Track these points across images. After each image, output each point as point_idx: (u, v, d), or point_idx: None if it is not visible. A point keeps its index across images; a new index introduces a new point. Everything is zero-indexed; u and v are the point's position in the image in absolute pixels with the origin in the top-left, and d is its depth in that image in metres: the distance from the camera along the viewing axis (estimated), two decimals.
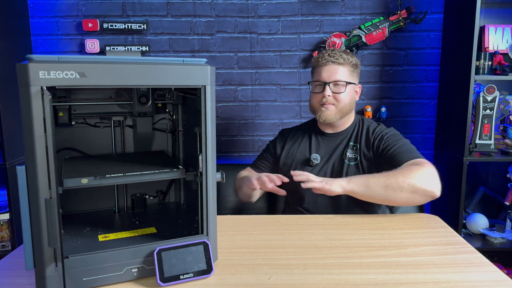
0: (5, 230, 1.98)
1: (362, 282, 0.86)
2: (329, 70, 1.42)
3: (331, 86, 1.41)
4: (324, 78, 1.42)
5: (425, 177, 1.19)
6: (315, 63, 1.47)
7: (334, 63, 1.42)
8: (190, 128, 1.01)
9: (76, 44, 2.19)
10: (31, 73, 0.71)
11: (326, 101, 1.41)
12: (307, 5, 2.19)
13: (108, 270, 0.83)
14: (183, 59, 0.85)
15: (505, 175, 2.21)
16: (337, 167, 1.46)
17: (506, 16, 2.17)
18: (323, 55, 1.44)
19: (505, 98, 2.02)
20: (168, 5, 2.17)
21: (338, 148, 1.48)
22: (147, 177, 0.92)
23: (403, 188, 1.17)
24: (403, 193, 1.17)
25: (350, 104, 1.45)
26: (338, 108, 1.42)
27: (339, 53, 1.43)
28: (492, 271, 0.91)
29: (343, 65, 1.42)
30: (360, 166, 1.43)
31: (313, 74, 1.49)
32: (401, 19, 2.13)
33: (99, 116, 1.11)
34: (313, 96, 1.47)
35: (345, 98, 1.42)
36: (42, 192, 0.74)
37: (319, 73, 1.44)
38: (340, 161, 1.46)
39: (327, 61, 1.42)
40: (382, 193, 1.18)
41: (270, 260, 0.96)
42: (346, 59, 1.43)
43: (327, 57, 1.42)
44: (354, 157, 1.45)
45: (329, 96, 1.41)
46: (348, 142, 1.48)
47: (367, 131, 1.47)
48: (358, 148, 1.45)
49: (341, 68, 1.42)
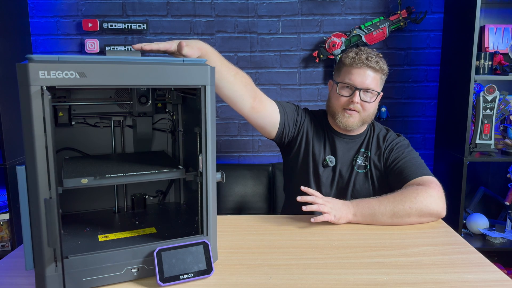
0: (5, 230, 1.98)
1: (362, 282, 0.86)
2: (363, 75, 1.30)
3: (361, 93, 1.31)
4: (356, 83, 1.30)
5: (431, 200, 1.16)
6: (348, 61, 1.32)
7: (369, 68, 1.30)
8: (190, 128, 1.01)
9: (76, 44, 2.19)
10: (31, 73, 0.71)
11: (354, 107, 1.31)
12: (307, 5, 2.19)
13: (108, 270, 0.83)
14: (183, 59, 0.85)
15: (505, 175, 2.21)
16: (346, 174, 1.39)
17: (506, 16, 2.17)
18: (359, 56, 1.30)
19: (505, 98, 2.02)
20: (168, 5, 2.17)
21: (349, 153, 1.40)
22: (147, 177, 0.92)
23: (410, 214, 1.15)
24: (410, 219, 1.16)
25: (373, 114, 1.37)
26: (362, 117, 1.34)
27: (376, 58, 1.31)
28: (492, 271, 0.91)
29: (377, 72, 1.31)
30: (369, 175, 1.38)
31: (341, 72, 1.35)
32: (401, 19, 2.13)
33: (99, 116, 1.11)
34: (337, 98, 1.34)
35: (371, 108, 1.34)
36: (42, 192, 0.74)
37: (350, 74, 1.31)
38: (349, 167, 1.39)
39: (363, 64, 1.29)
40: (389, 222, 1.16)
41: (270, 260, 0.96)
42: (382, 66, 1.32)
43: (364, 60, 1.29)
44: (364, 165, 1.38)
45: (357, 103, 1.30)
46: (360, 148, 1.40)
47: (378, 138, 1.40)
48: (369, 155, 1.39)
49: (374, 75, 1.31)
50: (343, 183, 1.39)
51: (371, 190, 1.38)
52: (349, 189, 1.38)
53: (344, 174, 1.39)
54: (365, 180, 1.38)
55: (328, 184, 1.40)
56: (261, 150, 2.33)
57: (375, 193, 1.37)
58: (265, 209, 2.00)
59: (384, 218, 1.15)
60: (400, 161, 1.32)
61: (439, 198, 1.19)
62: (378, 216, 1.15)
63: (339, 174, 1.39)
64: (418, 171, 1.27)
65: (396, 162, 1.33)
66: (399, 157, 1.33)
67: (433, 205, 1.16)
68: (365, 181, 1.38)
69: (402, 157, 1.33)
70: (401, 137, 1.42)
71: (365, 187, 1.38)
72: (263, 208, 2.01)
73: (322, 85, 2.26)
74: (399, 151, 1.35)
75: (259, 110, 1.30)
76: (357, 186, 1.38)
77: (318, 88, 2.26)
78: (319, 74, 2.25)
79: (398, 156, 1.34)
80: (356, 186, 1.38)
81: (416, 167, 1.29)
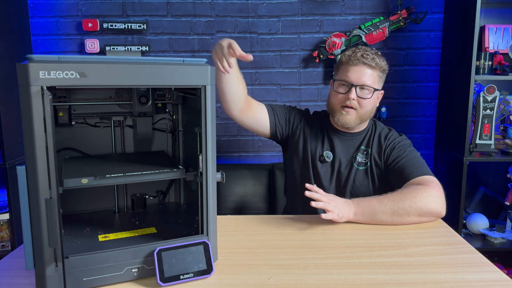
0: (5, 230, 1.98)
1: (362, 282, 0.86)
2: (359, 71, 1.32)
3: (357, 90, 1.33)
4: (352, 80, 1.32)
5: (431, 200, 1.17)
6: (345, 59, 1.36)
7: (365, 65, 1.32)
8: (190, 128, 1.01)
9: (76, 44, 2.19)
10: (31, 73, 0.71)
11: (350, 103, 1.33)
12: (307, 5, 2.19)
13: (108, 270, 0.83)
14: (183, 59, 0.85)
15: (505, 175, 2.21)
16: (345, 171, 1.40)
17: (506, 16, 2.17)
18: (355, 53, 1.34)
19: (505, 98, 2.02)
20: (168, 5, 2.17)
21: (349, 150, 1.42)
22: (147, 177, 0.92)
23: (410, 213, 1.16)
24: (409, 218, 1.16)
25: (371, 111, 1.38)
26: (359, 114, 1.35)
27: (372, 55, 1.33)
28: (492, 271, 0.91)
29: (373, 69, 1.34)
30: (369, 172, 1.39)
31: (339, 70, 1.38)
32: (401, 19, 2.13)
33: (99, 116, 1.11)
34: (335, 95, 1.37)
35: (368, 104, 1.35)
36: (42, 192, 0.74)
37: (346, 71, 1.34)
38: (349, 164, 1.40)
39: (359, 61, 1.32)
40: (389, 220, 1.17)
41: (270, 260, 0.96)
42: (378, 63, 1.34)
43: (360, 57, 1.32)
44: (364, 161, 1.40)
45: (353, 99, 1.32)
46: (360, 146, 1.42)
47: (379, 137, 1.41)
48: (370, 153, 1.40)
49: (371, 72, 1.33)
50: (342, 179, 1.40)
51: (371, 187, 1.39)
52: (348, 185, 1.39)
53: (343, 171, 1.41)
54: (365, 177, 1.39)
55: (327, 179, 1.41)
56: (261, 150, 2.33)
57: (375, 190, 1.38)
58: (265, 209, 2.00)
59: (384, 217, 1.16)
60: (401, 160, 1.33)
61: (439, 197, 1.19)
62: (378, 215, 1.16)
63: (338, 170, 1.41)
64: (418, 171, 1.28)
65: (397, 160, 1.34)
66: (400, 156, 1.34)
67: (433, 205, 1.17)
68: (365, 178, 1.39)
69: (403, 156, 1.34)
70: (403, 136, 1.43)
71: (364, 184, 1.39)
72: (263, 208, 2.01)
73: (322, 85, 2.26)
74: (400, 150, 1.36)
75: (247, 113, 1.40)
76: (356, 182, 1.39)
77: (318, 88, 2.26)
78: (319, 74, 2.25)
79: (399, 155, 1.34)
80: (355, 183, 1.39)
81: (417, 166, 1.29)
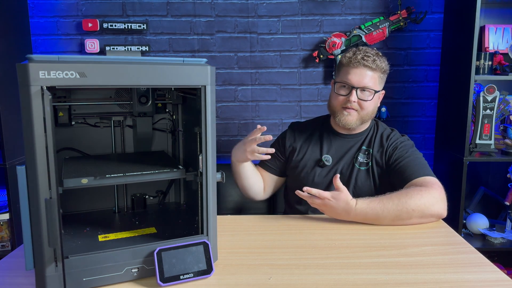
0: (5, 230, 1.97)
1: (362, 282, 0.86)
2: (360, 74, 1.32)
3: (358, 92, 1.33)
4: (353, 82, 1.32)
5: (433, 201, 1.17)
6: (346, 61, 1.36)
7: (366, 67, 1.32)
8: (190, 128, 1.01)
9: (76, 44, 2.19)
10: (31, 73, 0.71)
11: (351, 105, 1.33)
12: (307, 5, 2.19)
13: (108, 270, 0.83)
14: (183, 59, 0.85)
15: (505, 175, 2.21)
16: (347, 171, 1.40)
17: (506, 16, 2.16)
18: (356, 55, 1.34)
19: (505, 98, 2.02)
20: (168, 5, 2.17)
21: (350, 151, 1.42)
22: (147, 177, 0.92)
23: (412, 215, 1.16)
24: (411, 220, 1.17)
25: (373, 112, 1.38)
26: (361, 115, 1.36)
27: (372, 57, 1.33)
28: (492, 271, 0.91)
29: (374, 71, 1.34)
30: (370, 172, 1.39)
31: (340, 72, 1.38)
32: (401, 19, 2.13)
33: (99, 116, 1.11)
34: (335, 97, 1.37)
35: (369, 106, 1.35)
36: (42, 192, 0.74)
37: (347, 73, 1.34)
38: (350, 165, 1.40)
39: (359, 64, 1.32)
40: (391, 222, 1.17)
41: (270, 260, 0.96)
42: (379, 64, 1.34)
43: (360, 59, 1.32)
44: (365, 162, 1.40)
45: (354, 102, 1.33)
46: (361, 146, 1.42)
47: (381, 137, 1.41)
48: (371, 153, 1.40)
49: (372, 74, 1.33)
50: (344, 180, 1.40)
51: (373, 187, 1.39)
52: (350, 185, 1.39)
53: (345, 171, 1.41)
54: (367, 177, 1.39)
55: (328, 182, 1.41)
56: None
57: (376, 189, 1.38)
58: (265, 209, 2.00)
59: (386, 221, 1.17)
60: (403, 160, 1.33)
61: (441, 199, 1.19)
62: (381, 220, 1.17)
63: (339, 172, 1.41)
64: (420, 171, 1.28)
65: (399, 161, 1.34)
66: (402, 156, 1.34)
67: (435, 207, 1.17)
68: (366, 178, 1.39)
69: (405, 156, 1.34)
70: (406, 136, 1.43)
71: (366, 184, 1.39)
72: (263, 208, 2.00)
73: (322, 85, 2.26)
74: (402, 150, 1.36)
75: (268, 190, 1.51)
76: (358, 183, 1.39)
77: (318, 88, 2.26)
78: (319, 74, 2.25)
79: (401, 155, 1.34)
80: (357, 183, 1.39)
81: (419, 167, 1.30)
